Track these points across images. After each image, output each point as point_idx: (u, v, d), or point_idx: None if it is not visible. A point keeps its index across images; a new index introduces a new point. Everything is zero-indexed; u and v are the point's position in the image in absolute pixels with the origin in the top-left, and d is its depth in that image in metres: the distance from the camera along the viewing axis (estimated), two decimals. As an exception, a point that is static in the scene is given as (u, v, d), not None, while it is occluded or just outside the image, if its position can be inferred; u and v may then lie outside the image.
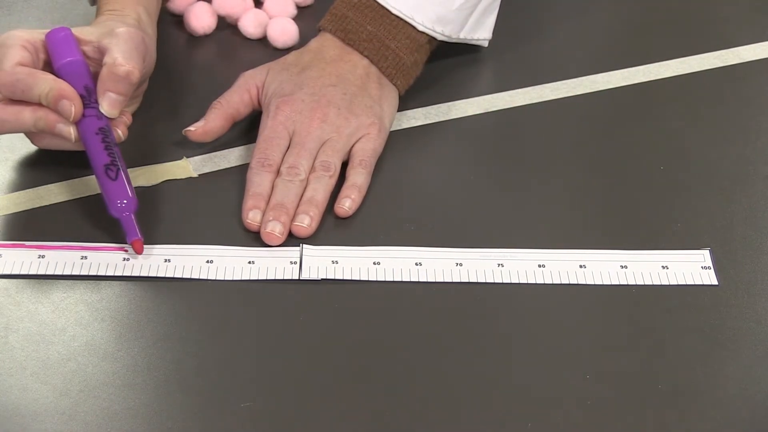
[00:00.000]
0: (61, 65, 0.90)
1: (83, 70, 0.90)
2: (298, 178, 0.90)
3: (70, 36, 0.91)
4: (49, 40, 0.91)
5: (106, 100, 0.89)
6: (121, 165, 0.87)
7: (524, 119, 1.01)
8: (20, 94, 0.88)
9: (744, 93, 1.05)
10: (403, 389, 0.78)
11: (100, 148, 0.87)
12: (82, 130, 0.88)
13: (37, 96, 0.87)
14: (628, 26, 1.15)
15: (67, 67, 0.89)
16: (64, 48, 0.90)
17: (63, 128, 0.88)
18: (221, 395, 0.77)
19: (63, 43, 0.90)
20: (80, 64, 0.90)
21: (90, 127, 0.88)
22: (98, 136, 0.88)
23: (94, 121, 0.88)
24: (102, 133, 0.88)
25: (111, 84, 0.89)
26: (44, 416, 0.75)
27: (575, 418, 0.76)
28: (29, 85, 0.87)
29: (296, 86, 0.95)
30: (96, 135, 0.88)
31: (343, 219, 0.90)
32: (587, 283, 0.85)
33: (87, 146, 0.88)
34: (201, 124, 0.95)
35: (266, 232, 0.87)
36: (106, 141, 0.88)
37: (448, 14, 0.99)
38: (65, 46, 0.90)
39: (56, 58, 0.90)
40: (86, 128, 0.88)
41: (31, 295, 0.83)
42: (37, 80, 0.87)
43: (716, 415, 0.77)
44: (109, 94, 0.89)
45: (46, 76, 0.88)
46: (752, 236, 0.90)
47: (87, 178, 0.92)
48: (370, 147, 0.94)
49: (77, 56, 0.90)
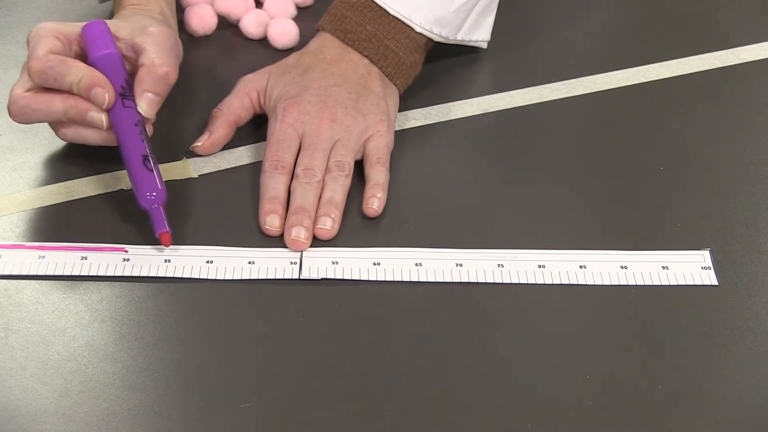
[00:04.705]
0: (97, 57, 0.90)
1: (121, 64, 0.91)
2: (315, 180, 0.90)
3: (107, 30, 0.91)
4: (86, 32, 0.91)
5: (145, 100, 0.89)
6: (155, 158, 0.88)
7: (524, 119, 1.01)
8: (52, 81, 0.88)
9: (744, 93, 1.05)
10: (403, 389, 0.78)
11: (139, 140, 0.88)
12: (119, 122, 0.89)
13: (69, 84, 0.88)
14: (628, 26, 1.15)
15: (104, 60, 0.90)
16: (101, 41, 0.91)
17: (95, 116, 0.88)
18: (221, 395, 0.77)
19: (100, 36, 0.91)
20: (117, 57, 0.91)
21: (129, 118, 0.89)
22: (137, 128, 0.88)
23: (133, 113, 0.89)
24: (140, 125, 0.89)
25: (149, 84, 0.89)
26: (44, 417, 0.75)
27: (575, 418, 0.76)
28: (62, 72, 0.88)
29: (301, 88, 0.95)
30: (135, 126, 0.88)
31: (372, 219, 0.90)
32: (587, 283, 0.85)
33: (125, 137, 0.88)
34: (206, 137, 0.95)
35: (291, 239, 0.87)
36: (143, 134, 0.89)
37: (446, 16, 0.99)
38: (102, 39, 0.91)
39: (93, 50, 0.90)
40: (125, 119, 0.89)
41: (31, 296, 0.83)
42: (70, 68, 0.88)
43: (716, 415, 0.78)
44: (147, 94, 0.89)
45: (78, 64, 0.88)
46: (752, 236, 0.90)
47: (87, 179, 0.92)
48: (384, 144, 0.94)
49: (114, 50, 0.91)
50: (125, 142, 0.88)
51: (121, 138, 0.88)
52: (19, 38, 0.91)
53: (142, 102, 0.89)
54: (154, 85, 0.89)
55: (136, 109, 0.89)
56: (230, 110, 0.96)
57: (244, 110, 0.96)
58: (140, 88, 0.89)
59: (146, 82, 0.89)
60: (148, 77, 0.89)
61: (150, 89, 0.89)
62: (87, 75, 0.88)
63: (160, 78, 0.90)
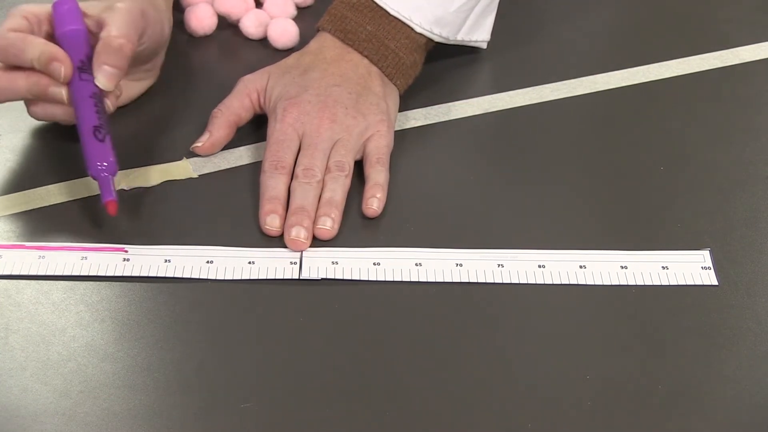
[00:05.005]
0: (62, 33, 0.91)
1: (84, 39, 0.91)
2: (315, 180, 0.90)
3: (75, 7, 0.92)
4: (55, 9, 0.92)
5: (102, 73, 0.90)
6: (108, 130, 0.89)
7: (524, 120, 1.01)
8: (13, 58, 0.89)
9: (744, 93, 1.05)
10: (402, 389, 0.78)
11: (92, 111, 0.89)
12: (75, 95, 0.89)
13: (29, 60, 0.89)
14: (627, 26, 1.15)
15: (68, 35, 0.91)
16: (68, 17, 0.92)
17: (55, 90, 0.89)
18: (221, 396, 0.77)
19: (67, 13, 0.92)
20: (81, 33, 0.91)
21: (84, 91, 0.89)
22: (91, 100, 0.89)
23: (89, 86, 0.90)
24: (95, 98, 0.89)
25: (105, 57, 0.90)
26: (44, 417, 0.75)
27: (575, 418, 0.76)
28: (21, 48, 0.89)
29: (301, 88, 0.95)
30: (89, 98, 0.89)
31: (372, 219, 0.90)
32: (587, 283, 0.85)
33: (78, 109, 0.89)
34: (206, 138, 0.95)
35: (291, 239, 0.87)
36: (98, 106, 0.89)
37: (446, 16, 0.99)
38: (69, 15, 0.92)
39: (58, 26, 0.91)
40: (80, 92, 0.89)
41: (32, 296, 0.83)
42: (28, 44, 0.89)
43: (716, 415, 0.78)
44: (104, 67, 0.90)
45: (37, 40, 0.89)
46: (752, 236, 0.90)
47: (87, 179, 0.92)
48: (384, 144, 0.94)
49: (80, 26, 0.92)
50: (79, 114, 0.89)
51: (76, 110, 0.90)
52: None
53: (99, 74, 0.90)
54: (110, 57, 0.90)
55: (94, 83, 0.89)
56: (230, 110, 0.96)
57: (244, 110, 0.96)
58: (98, 60, 0.90)
59: (102, 55, 0.90)
60: (103, 49, 0.90)
61: (106, 62, 0.90)
62: (45, 51, 0.88)
63: (115, 50, 0.90)
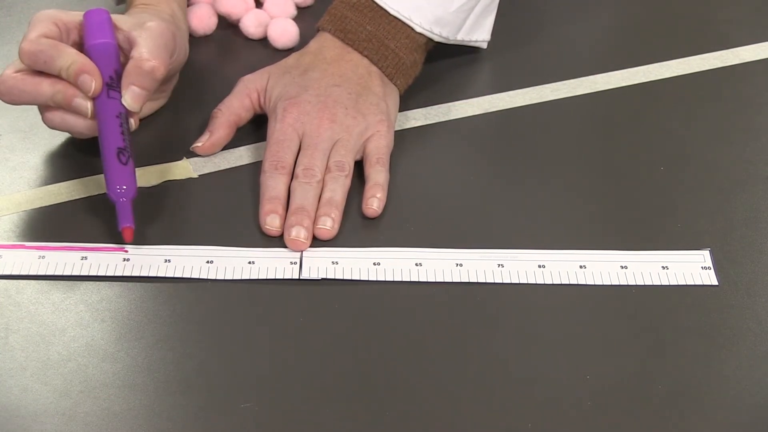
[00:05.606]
0: (92, 45, 0.90)
1: (114, 54, 0.91)
2: (315, 180, 0.90)
3: (108, 19, 0.92)
4: (87, 19, 0.92)
5: (130, 94, 0.89)
6: (131, 154, 0.88)
7: (524, 120, 1.01)
8: (42, 65, 0.88)
9: (744, 93, 1.05)
10: (402, 389, 0.78)
11: (118, 132, 0.88)
12: (101, 111, 0.89)
13: (59, 68, 0.88)
14: (628, 26, 1.15)
15: (98, 48, 0.90)
16: (99, 29, 0.91)
17: (80, 103, 0.89)
18: (221, 396, 0.77)
19: (99, 24, 0.91)
20: (112, 47, 0.91)
21: (111, 109, 0.89)
22: (117, 120, 0.88)
23: (116, 105, 0.89)
24: (121, 117, 0.89)
25: (135, 78, 0.89)
26: (44, 417, 0.75)
27: (575, 418, 0.76)
28: (52, 56, 0.88)
29: (301, 88, 0.95)
30: (116, 118, 0.88)
31: (372, 219, 0.90)
32: (587, 283, 0.85)
33: (103, 127, 0.88)
34: (207, 138, 0.95)
35: (291, 239, 0.87)
36: (123, 126, 0.88)
37: (446, 16, 0.99)
38: (100, 27, 0.91)
39: (89, 37, 0.91)
40: (107, 110, 0.89)
41: (32, 296, 0.83)
42: (61, 53, 0.88)
43: (716, 415, 0.77)
44: (133, 87, 0.89)
45: (69, 50, 0.89)
46: (752, 236, 0.90)
47: (87, 179, 0.92)
48: (384, 144, 0.94)
49: (111, 40, 0.91)
50: (103, 133, 0.88)
51: (101, 128, 0.89)
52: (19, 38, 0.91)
53: (126, 95, 0.89)
54: (140, 78, 0.89)
55: (121, 101, 0.89)
56: (230, 110, 0.96)
57: (244, 110, 0.96)
58: (127, 80, 0.89)
59: (132, 75, 0.89)
60: (134, 70, 0.89)
61: (136, 83, 0.89)
62: (77, 61, 0.88)
63: (146, 72, 0.90)
